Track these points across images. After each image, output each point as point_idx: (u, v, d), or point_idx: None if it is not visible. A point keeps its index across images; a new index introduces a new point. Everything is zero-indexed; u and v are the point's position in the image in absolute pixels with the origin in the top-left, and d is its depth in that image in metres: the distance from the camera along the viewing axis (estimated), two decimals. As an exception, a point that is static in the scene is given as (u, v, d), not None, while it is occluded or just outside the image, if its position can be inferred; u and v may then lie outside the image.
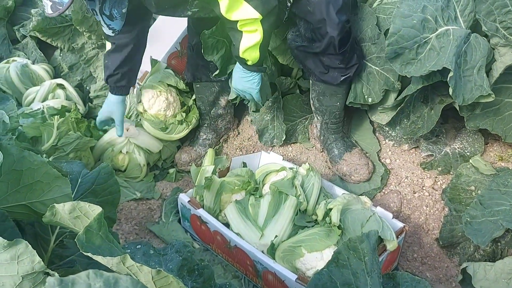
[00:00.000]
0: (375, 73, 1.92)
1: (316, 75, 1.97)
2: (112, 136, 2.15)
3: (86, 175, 1.24)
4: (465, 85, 1.66)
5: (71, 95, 2.51)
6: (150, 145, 2.19)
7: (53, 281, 0.47)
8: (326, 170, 2.20)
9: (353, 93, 1.97)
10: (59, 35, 2.54)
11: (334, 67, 1.88)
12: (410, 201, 1.99)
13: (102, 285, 0.46)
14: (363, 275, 1.03)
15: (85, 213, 0.78)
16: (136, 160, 2.15)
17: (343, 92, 2.00)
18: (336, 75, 1.90)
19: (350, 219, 1.63)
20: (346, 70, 1.88)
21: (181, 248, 0.94)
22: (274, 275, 1.58)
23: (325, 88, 2.00)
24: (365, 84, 1.94)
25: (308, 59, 1.92)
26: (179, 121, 2.25)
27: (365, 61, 1.93)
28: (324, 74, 1.93)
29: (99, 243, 0.72)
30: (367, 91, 1.94)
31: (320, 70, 1.92)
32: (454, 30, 1.63)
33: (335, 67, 1.88)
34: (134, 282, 0.46)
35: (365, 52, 1.92)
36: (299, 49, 1.91)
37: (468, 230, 1.64)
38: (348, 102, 1.99)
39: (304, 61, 1.95)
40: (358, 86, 1.97)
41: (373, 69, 1.91)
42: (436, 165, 2.03)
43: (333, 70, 1.89)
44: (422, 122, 1.89)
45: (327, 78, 1.93)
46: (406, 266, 1.81)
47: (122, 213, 1.98)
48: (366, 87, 1.94)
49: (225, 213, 1.77)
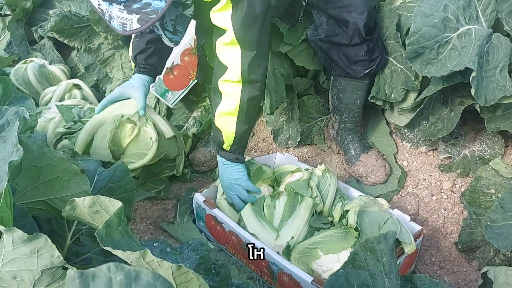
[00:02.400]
0: (399, 71, 1.90)
1: (339, 69, 1.95)
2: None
3: (102, 173, 1.24)
4: (487, 85, 1.63)
5: (87, 95, 2.53)
6: (164, 128, 1.94)
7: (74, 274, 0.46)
8: (342, 171, 2.18)
9: (376, 88, 1.96)
10: (76, 36, 2.56)
11: (358, 60, 1.87)
12: (428, 204, 1.95)
13: (123, 278, 0.45)
14: (381, 276, 1.01)
15: (104, 207, 0.77)
16: (146, 133, 1.87)
17: (364, 88, 1.99)
18: (360, 68, 1.90)
19: (367, 221, 1.61)
20: (369, 63, 1.88)
21: (198, 247, 0.93)
22: (289, 277, 1.56)
23: (346, 84, 1.99)
24: (388, 81, 1.93)
25: (332, 51, 1.91)
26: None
27: (390, 59, 1.92)
28: (347, 67, 1.92)
29: (118, 238, 0.72)
30: (390, 89, 1.93)
31: (344, 63, 1.91)
32: (476, 30, 1.60)
33: (359, 59, 1.87)
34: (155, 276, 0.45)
35: (389, 50, 1.91)
36: (323, 40, 1.90)
37: (489, 234, 1.60)
38: (370, 96, 1.98)
39: (328, 53, 1.93)
40: (381, 82, 1.96)
41: (398, 67, 1.89)
42: (455, 167, 1.99)
43: (357, 63, 1.88)
44: (441, 124, 1.86)
45: (351, 72, 1.92)
46: (423, 270, 1.78)
47: (137, 213, 1.98)
48: (389, 84, 1.93)
49: (241, 213, 1.76)
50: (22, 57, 2.95)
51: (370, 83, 1.99)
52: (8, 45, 3.11)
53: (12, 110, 1.00)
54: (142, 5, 1.40)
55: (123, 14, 1.43)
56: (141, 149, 1.87)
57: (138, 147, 1.87)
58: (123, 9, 1.41)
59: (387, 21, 1.89)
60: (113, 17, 1.44)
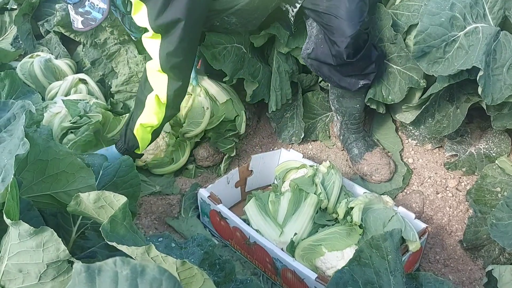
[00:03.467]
0: (396, 73, 1.88)
1: (333, 83, 1.91)
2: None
3: (107, 167, 1.25)
4: (494, 84, 1.61)
5: (93, 90, 2.53)
6: (217, 93, 2.12)
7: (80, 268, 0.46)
8: (347, 169, 2.17)
9: (372, 90, 1.93)
10: (82, 30, 2.56)
11: (351, 75, 1.84)
12: (433, 202, 1.95)
13: (129, 273, 0.45)
14: (386, 274, 1.01)
15: (109, 203, 0.77)
16: (200, 103, 2.08)
17: (362, 95, 1.97)
18: (354, 81, 1.85)
19: (372, 219, 1.60)
20: (363, 77, 1.84)
21: (202, 242, 0.94)
22: (293, 273, 1.56)
23: (344, 91, 1.97)
24: (385, 83, 1.90)
25: (322, 68, 1.86)
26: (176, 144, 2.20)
27: (385, 61, 1.89)
28: (341, 80, 1.87)
29: (123, 233, 0.72)
30: (387, 91, 1.90)
31: (336, 77, 1.86)
32: (483, 28, 1.59)
33: (351, 74, 1.83)
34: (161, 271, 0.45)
35: (385, 52, 1.88)
36: (311, 58, 1.86)
37: (494, 233, 1.59)
38: (367, 99, 1.96)
39: (319, 70, 1.88)
40: (377, 85, 1.93)
41: (394, 69, 1.87)
42: (461, 165, 1.98)
43: (350, 77, 1.84)
44: (447, 121, 1.85)
45: (345, 85, 1.88)
46: (428, 267, 1.78)
47: (142, 208, 1.99)
48: (386, 86, 1.90)
49: (245, 209, 1.76)
50: (29, 52, 2.96)
51: (367, 90, 1.96)
52: (15, 39, 3.12)
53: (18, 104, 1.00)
54: (84, 11, 1.67)
55: (72, 13, 1.71)
56: (196, 118, 2.10)
57: (194, 116, 2.11)
58: (72, 9, 1.70)
59: (381, 24, 1.86)
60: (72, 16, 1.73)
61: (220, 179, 1.95)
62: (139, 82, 2.02)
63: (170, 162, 2.18)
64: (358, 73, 1.82)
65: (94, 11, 1.66)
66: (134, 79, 2.54)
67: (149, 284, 0.44)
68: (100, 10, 1.66)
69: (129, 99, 2.57)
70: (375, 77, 1.86)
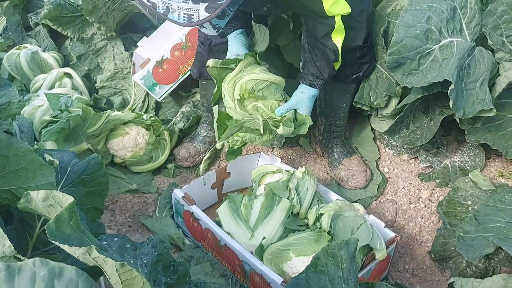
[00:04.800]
0: (384, 77, 1.91)
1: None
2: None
3: (76, 164, 1.26)
4: (467, 98, 1.64)
5: (78, 85, 2.54)
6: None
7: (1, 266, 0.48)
8: (324, 175, 2.19)
9: (360, 93, 1.96)
10: (70, 25, 2.57)
11: (348, 65, 1.86)
12: (406, 212, 1.97)
13: (47, 274, 0.47)
14: (339, 282, 1.02)
15: (58, 202, 0.79)
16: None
17: (350, 92, 2.00)
18: (348, 72, 1.90)
19: (341, 226, 1.62)
20: (358, 68, 1.89)
21: (157, 244, 0.95)
22: (260, 277, 1.57)
23: (334, 87, 2.00)
24: (373, 87, 1.93)
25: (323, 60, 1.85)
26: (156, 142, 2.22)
27: (377, 65, 1.93)
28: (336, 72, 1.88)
29: (69, 233, 0.73)
30: (375, 94, 1.93)
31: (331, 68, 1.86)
32: (458, 42, 1.61)
33: (349, 64, 1.86)
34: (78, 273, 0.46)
35: (377, 56, 1.92)
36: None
37: (460, 245, 1.62)
38: (354, 101, 1.99)
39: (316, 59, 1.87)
40: (366, 88, 1.96)
41: (383, 73, 1.90)
42: (435, 177, 2.01)
43: (345, 68, 1.87)
44: (421, 132, 1.87)
45: (339, 76, 1.90)
46: (396, 277, 1.80)
47: (117, 205, 2.00)
48: (374, 90, 1.93)
49: (217, 211, 1.77)
50: (17, 43, 2.96)
51: (356, 87, 2.00)
52: (4, 30, 3.11)
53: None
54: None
55: (188, 5, 1.34)
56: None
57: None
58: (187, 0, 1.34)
59: (377, 27, 1.89)
60: (173, 9, 1.35)
61: (196, 180, 1.96)
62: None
63: (149, 160, 2.19)
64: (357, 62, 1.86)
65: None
66: (119, 76, 2.55)
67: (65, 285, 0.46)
68: None
69: (113, 95, 2.58)
70: (367, 70, 1.90)
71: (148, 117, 2.22)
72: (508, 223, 1.59)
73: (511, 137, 1.83)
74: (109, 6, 2.38)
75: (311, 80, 1.80)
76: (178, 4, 1.34)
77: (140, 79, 2.34)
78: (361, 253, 1.57)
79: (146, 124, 2.23)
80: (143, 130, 2.20)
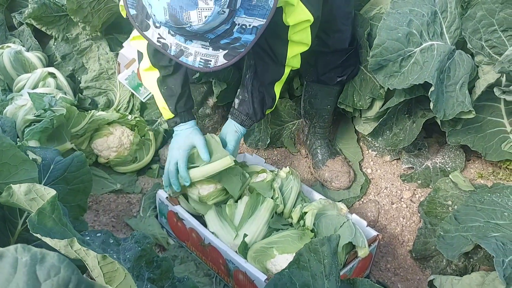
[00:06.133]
0: (368, 80, 1.94)
1: (313, 75, 1.97)
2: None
3: (59, 162, 1.25)
4: (447, 100, 1.68)
5: (62, 85, 2.52)
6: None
7: (-17, 253, 0.48)
8: (308, 175, 2.21)
9: (344, 94, 1.99)
10: (54, 24, 2.55)
11: (333, 68, 1.90)
12: (388, 212, 2.00)
13: (29, 259, 0.47)
14: (321, 277, 1.04)
15: (40, 195, 0.79)
16: None
17: (335, 94, 2.03)
18: (333, 75, 1.93)
19: (324, 224, 1.64)
20: (342, 71, 1.91)
21: (140, 239, 0.95)
22: (244, 275, 1.58)
23: (318, 89, 2.03)
24: (357, 88, 1.96)
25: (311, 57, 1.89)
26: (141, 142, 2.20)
27: (361, 67, 1.96)
28: (322, 74, 1.95)
29: (51, 226, 0.73)
30: (358, 96, 1.97)
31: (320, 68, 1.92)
32: (438, 46, 1.65)
33: (334, 67, 1.90)
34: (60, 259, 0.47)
35: (362, 59, 1.95)
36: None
37: (440, 244, 1.65)
38: (338, 102, 2.02)
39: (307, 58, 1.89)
40: (350, 89, 1.99)
41: (367, 76, 1.93)
42: (416, 178, 2.04)
43: (330, 70, 1.91)
44: (404, 134, 1.91)
45: (324, 78, 1.95)
46: (378, 275, 1.82)
47: (101, 205, 1.99)
48: (358, 92, 1.96)
49: (202, 211, 1.78)
50: (0, 42, 2.92)
51: (341, 90, 2.03)
52: (-13, 29, 3.08)
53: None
54: (231, 40, 1.34)
55: (208, 51, 1.36)
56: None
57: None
58: (208, 46, 1.34)
59: (361, 31, 1.93)
60: (189, 53, 1.37)
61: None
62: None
63: (134, 160, 2.18)
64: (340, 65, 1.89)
65: (245, 34, 1.34)
66: (104, 76, 2.54)
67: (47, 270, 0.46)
68: (253, 29, 1.34)
69: (98, 95, 2.57)
70: (352, 73, 1.93)
71: (133, 118, 2.22)
72: (487, 222, 1.62)
73: (490, 139, 1.88)
74: (94, 6, 2.37)
75: (243, 119, 1.80)
76: (197, 49, 1.36)
77: (125, 79, 2.34)
78: (344, 250, 1.59)
79: (131, 125, 2.22)
80: (128, 130, 2.20)
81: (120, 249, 0.92)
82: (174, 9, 1.20)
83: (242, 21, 1.32)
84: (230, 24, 1.30)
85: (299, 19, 1.54)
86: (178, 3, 1.20)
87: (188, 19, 1.21)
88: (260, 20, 1.34)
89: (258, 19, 1.33)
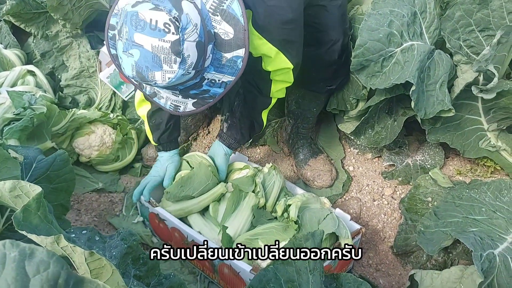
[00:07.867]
0: (352, 81, 1.95)
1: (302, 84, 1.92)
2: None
3: (41, 160, 1.24)
4: (428, 99, 1.71)
5: (41, 83, 2.48)
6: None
7: (-29, 249, 0.48)
8: (291, 173, 2.23)
9: (335, 100, 2.00)
10: (33, 21, 2.50)
11: (322, 78, 1.89)
12: (369, 209, 2.03)
13: (17, 255, 0.47)
14: (305, 272, 1.05)
15: (25, 192, 0.78)
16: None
17: (322, 99, 2.04)
18: (322, 85, 1.94)
19: (308, 216, 1.66)
20: (331, 82, 1.91)
21: (127, 236, 0.95)
22: (229, 268, 1.58)
23: (306, 93, 2.03)
24: (346, 91, 1.97)
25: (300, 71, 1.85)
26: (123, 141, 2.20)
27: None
28: (311, 85, 1.95)
29: (36, 223, 0.73)
30: (343, 100, 1.98)
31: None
32: (418, 46, 1.68)
33: (324, 78, 1.90)
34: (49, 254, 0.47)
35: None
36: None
37: (421, 239, 1.68)
38: (331, 108, 2.03)
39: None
40: (339, 93, 1.99)
41: (353, 77, 1.94)
42: (397, 175, 2.08)
43: (320, 81, 1.91)
44: (385, 132, 1.94)
45: (313, 87, 1.96)
46: (360, 271, 1.85)
47: (83, 204, 1.97)
48: (346, 93, 1.97)
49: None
50: (-23, 39, 2.86)
51: (329, 95, 2.03)
52: (-37, 26, 3.00)
53: None
54: (200, 91, 1.41)
55: (178, 98, 1.44)
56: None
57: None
58: (178, 94, 1.42)
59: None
60: (162, 96, 1.45)
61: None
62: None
63: (116, 159, 2.16)
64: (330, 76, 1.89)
65: (214, 88, 1.42)
66: (85, 74, 2.51)
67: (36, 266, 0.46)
68: (222, 84, 1.42)
69: (78, 94, 2.53)
70: (341, 83, 1.94)
71: (115, 116, 2.20)
72: (465, 218, 1.66)
73: (468, 137, 1.93)
74: (75, 3, 2.34)
75: (231, 143, 1.88)
76: (167, 95, 1.44)
77: (106, 78, 2.32)
78: (327, 242, 1.61)
79: (113, 123, 2.20)
80: (110, 129, 2.18)
81: (106, 247, 0.92)
82: (141, 68, 1.27)
83: (212, 76, 1.40)
84: (199, 78, 1.37)
85: (279, 67, 1.61)
86: (144, 63, 1.26)
87: (153, 78, 1.28)
88: (229, 77, 1.41)
89: (227, 76, 1.41)
